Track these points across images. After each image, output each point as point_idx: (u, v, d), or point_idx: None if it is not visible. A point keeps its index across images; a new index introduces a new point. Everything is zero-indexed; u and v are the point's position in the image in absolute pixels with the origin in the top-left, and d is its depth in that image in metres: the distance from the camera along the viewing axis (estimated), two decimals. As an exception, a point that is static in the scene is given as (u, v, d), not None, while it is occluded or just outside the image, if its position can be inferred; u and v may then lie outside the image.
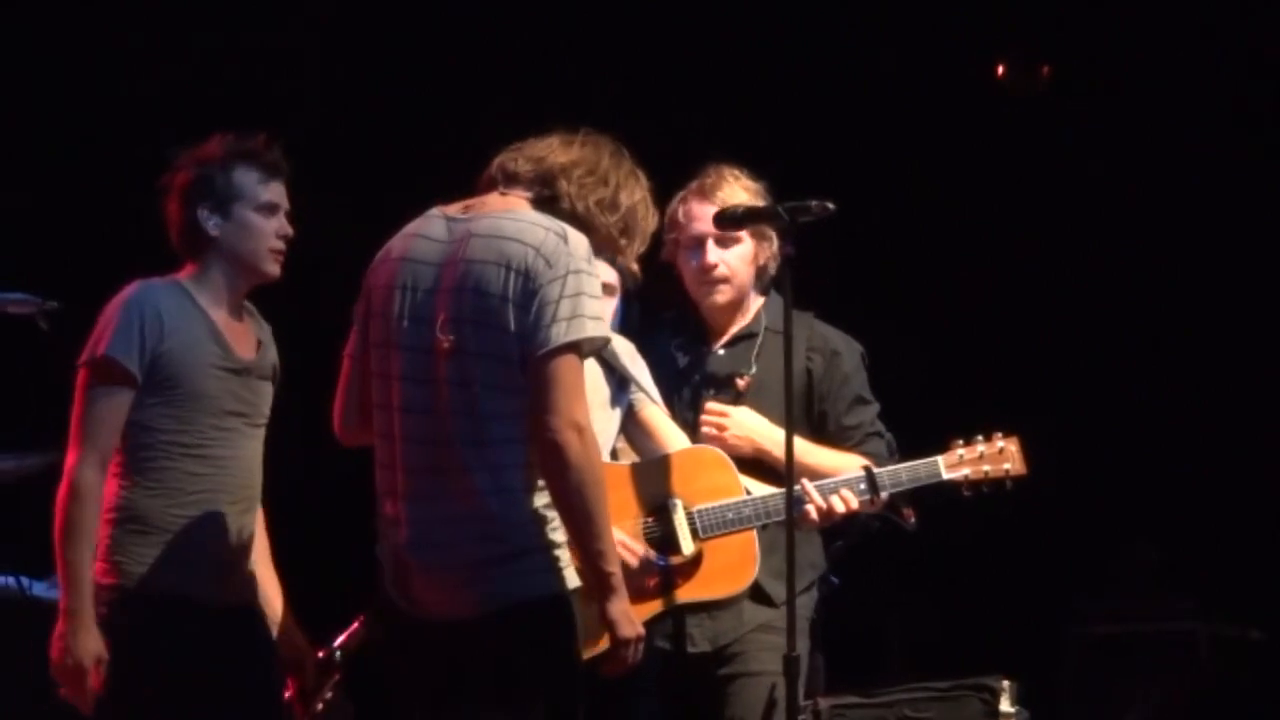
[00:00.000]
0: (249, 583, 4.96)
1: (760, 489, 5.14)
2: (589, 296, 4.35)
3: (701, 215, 5.38)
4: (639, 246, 4.71)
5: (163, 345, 4.81)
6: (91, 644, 4.73)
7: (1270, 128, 7.82)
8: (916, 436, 5.43)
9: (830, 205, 4.88)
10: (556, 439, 4.28)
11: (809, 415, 5.42)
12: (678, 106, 7.59)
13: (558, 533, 4.38)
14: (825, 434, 5.42)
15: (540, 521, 4.36)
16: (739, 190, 5.35)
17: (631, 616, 4.40)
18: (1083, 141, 8.04)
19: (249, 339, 4.98)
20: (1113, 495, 7.90)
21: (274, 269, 4.95)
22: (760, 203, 5.30)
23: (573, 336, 4.32)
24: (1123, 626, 7.65)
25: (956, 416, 5.43)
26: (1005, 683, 5.85)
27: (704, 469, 5.12)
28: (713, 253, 5.39)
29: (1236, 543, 7.73)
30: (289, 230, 4.96)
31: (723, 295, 5.43)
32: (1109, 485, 7.89)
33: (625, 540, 4.95)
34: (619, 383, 5.14)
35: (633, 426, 5.19)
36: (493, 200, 4.55)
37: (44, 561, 6.91)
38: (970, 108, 8.01)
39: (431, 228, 4.52)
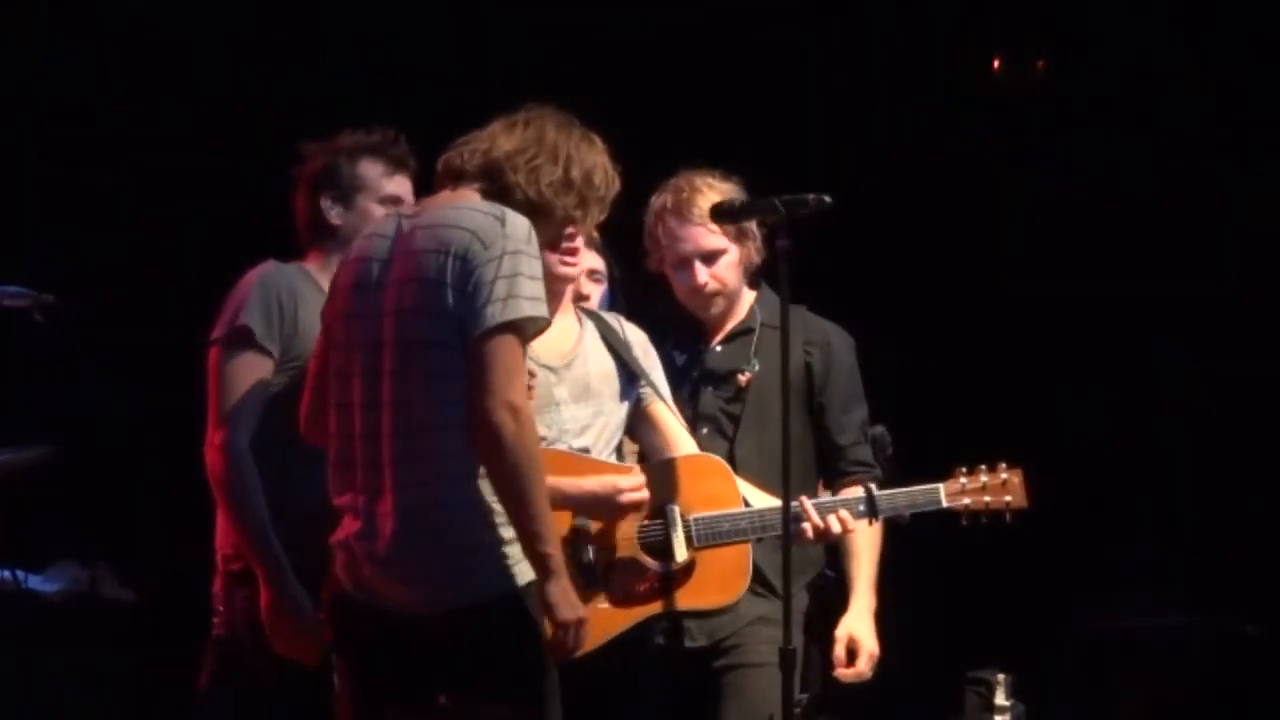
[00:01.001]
0: None
1: (760, 501, 5.13)
2: (526, 277, 4.32)
3: (683, 235, 5.38)
4: (598, 214, 4.66)
5: (295, 325, 4.81)
6: (302, 598, 4.70)
7: (1267, 124, 7.81)
8: (911, 433, 5.43)
9: (827, 199, 4.86)
10: (491, 419, 4.25)
11: (809, 408, 5.42)
12: (670, 101, 7.57)
13: (508, 528, 4.34)
14: (821, 427, 5.42)
15: (488, 513, 4.33)
16: (713, 198, 5.29)
17: (572, 599, 4.34)
18: (1078, 136, 8.03)
19: None
20: (1109, 491, 7.90)
21: None
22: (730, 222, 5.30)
23: (509, 316, 4.29)
24: (1119, 621, 7.65)
25: (953, 416, 5.43)
26: (1001, 676, 5.86)
27: (705, 477, 5.09)
28: (701, 273, 5.39)
29: (1233, 538, 7.72)
30: None
31: (717, 307, 5.46)
32: (1106, 481, 7.88)
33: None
34: (629, 377, 5.13)
35: (639, 421, 5.17)
36: (442, 196, 4.55)
37: (39, 555, 6.95)
38: (966, 102, 8.00)
39: (386, 226, 4.54)
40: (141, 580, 7.12)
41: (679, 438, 5.17)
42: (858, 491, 5.23)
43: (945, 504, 5.25)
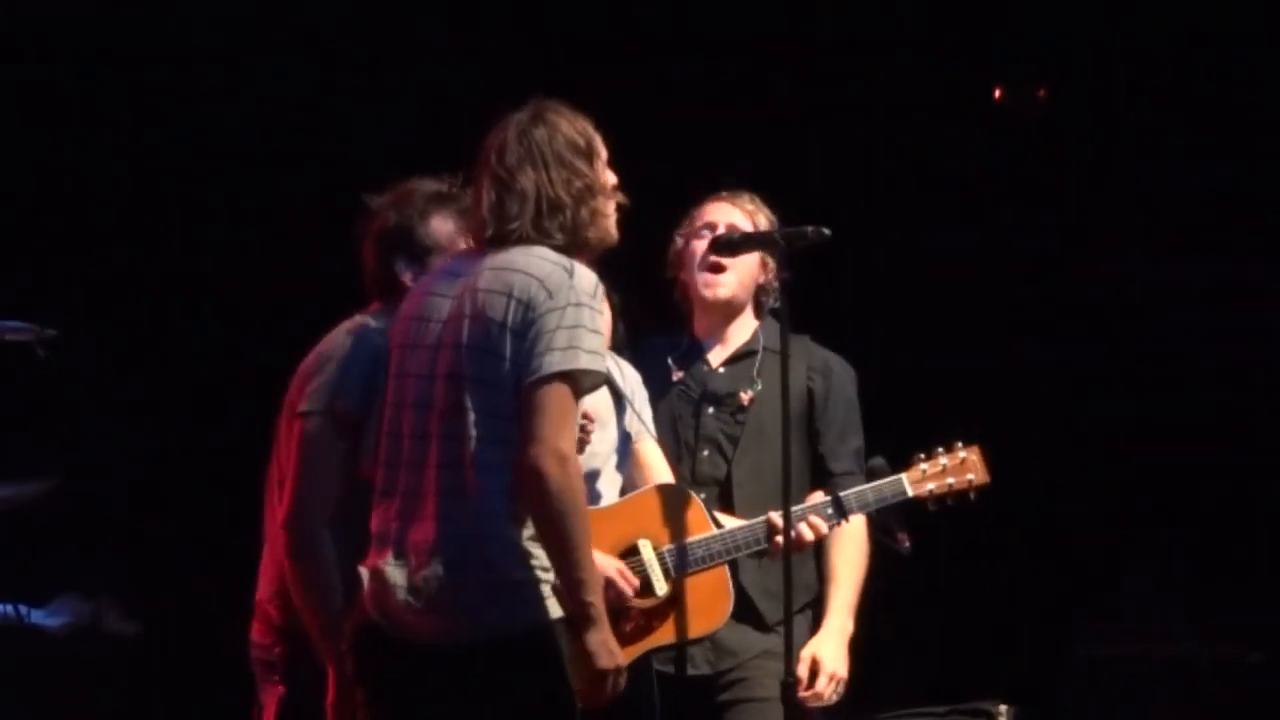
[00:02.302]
0: None
1: (729, 522, 5.15)
2: (588, 330, 4.36)
3: (717, 208, 5.44)
4: (605, 156, 4.60)
5: (381, 393, 4.68)
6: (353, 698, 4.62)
7: (1264, 148, 7.82)
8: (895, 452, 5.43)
9: (826, 231, 4.89)
10: (538, 466, 4.28)
11: (808, 432, 5.43)
12: (675, 134, 7.58)
13: (540, 569, 4.36)
14: (816, 453, 5.43)
15: (523, 554, 4.35)
16: (750, 202, 5.42)
17: (611, 647, 4.37)
18: (1080, 164, 8.05)
19: None
20: (1112, 518, 7.90)
21: None
22: (764, 224, 5.34)
23: (566, 366, 4.32)
24: (1122, 649, 7.64)
25: (947, 438, 5.42)
26: (1003, 707, 5.84)
27: (670, 507, 5.10)
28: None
29: (1236, 565, 7.72)
30: None
31: (725, 288, 5.44)
32: (1108, 508, 7.88)
33: (617, 568, 4.97)
34: (622, 408, 5.15)
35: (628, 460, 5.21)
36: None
37: (42, 589, 6.96)
38: (968, 130, 8.01)
39: (456, 263, 4.58)
40: (147, 612, 7.12)
41: (662, 477, 5.21)
42: (824, 496, 5.25)
43: (910, 493, 5.27)
